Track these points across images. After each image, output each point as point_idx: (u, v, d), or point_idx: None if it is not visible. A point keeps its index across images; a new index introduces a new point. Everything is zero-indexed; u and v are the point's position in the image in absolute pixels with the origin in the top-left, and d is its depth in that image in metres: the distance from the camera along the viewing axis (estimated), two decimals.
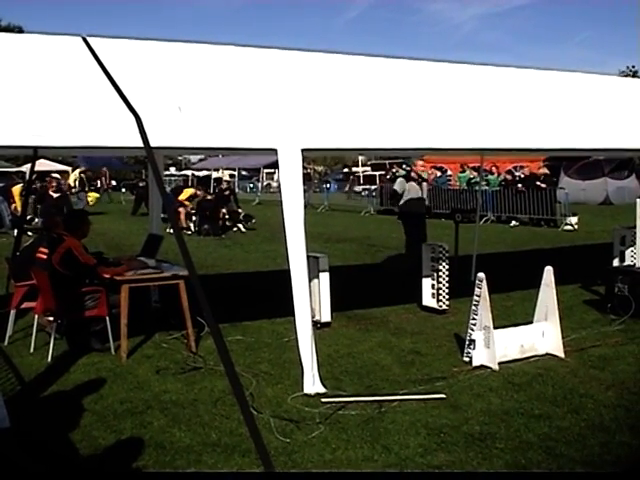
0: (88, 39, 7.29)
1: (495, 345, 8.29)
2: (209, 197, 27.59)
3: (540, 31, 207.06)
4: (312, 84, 8.68)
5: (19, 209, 26.60)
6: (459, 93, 9.70)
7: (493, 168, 31.89)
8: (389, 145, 8.78)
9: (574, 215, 26.22)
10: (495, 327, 8.40)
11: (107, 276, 9.32)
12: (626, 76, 52.02)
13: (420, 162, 18.40)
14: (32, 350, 9.35)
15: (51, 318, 9.42)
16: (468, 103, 9.53)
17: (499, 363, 8.31)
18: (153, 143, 5.96)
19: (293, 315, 7.63)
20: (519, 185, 28.56)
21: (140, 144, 5.88)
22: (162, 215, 13.99)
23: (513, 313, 10.95)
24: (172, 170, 79.91)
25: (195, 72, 8.16)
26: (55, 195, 15.13)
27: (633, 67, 67.11)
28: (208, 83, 8.08)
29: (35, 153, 9.80)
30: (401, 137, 8.61)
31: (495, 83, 10.33)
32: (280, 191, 7.76)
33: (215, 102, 7.83)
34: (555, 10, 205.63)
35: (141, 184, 36.33)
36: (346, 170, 75.17)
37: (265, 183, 64.76)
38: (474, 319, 8.49)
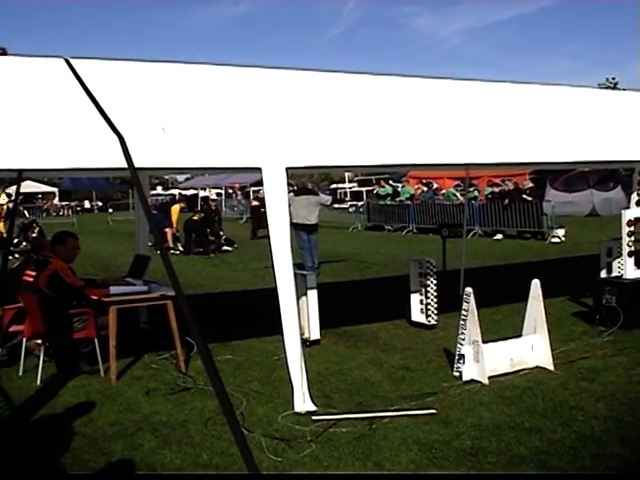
0: (70, 60, 7.28)
1: (485, 359, 8.30)
2: (196, 217, 27.49)
3: (524, 45, 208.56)
4: (296, 102, 8.69)
5: (4, 231, 26.57)
6: (443, 108, 9.73)
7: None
8: (374, 162, 8.79)
9: (561, 227, 26.29)
10: (484, 341, 8.41)
11: (95, 297, 9.29)
12: (606, 88, 52.20)
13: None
14: (21, 373, 9.31)
15: (39, 341, 9.37)
16: (453, 118, 9.56)
17: (489, 377, 8.31)
18: (137, 164, 5.95)
19: (282, 333, 7.62)
20: (506, 201, 28.56)
21: (124, 165, 5.87)
22: None
23: (502, 327, 10.94)
24: (159, 189, 80.00)
25: (178, 92, 8.16)
26: None
27: (613, 79, 67.46)
28: (192, 103, 8.08)
29: (20, 175, 9.76)
30: (386, 153, 8.62)
31: (479, 98, 10.36)
32: (265, 209, 7.78)
33: (199, 122, 7.83)
34: (539, 23, 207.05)
35: None
36: (333, 186, 75.25)
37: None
38: (463, 334, 8.50)
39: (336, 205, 58.03)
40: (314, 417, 7.33)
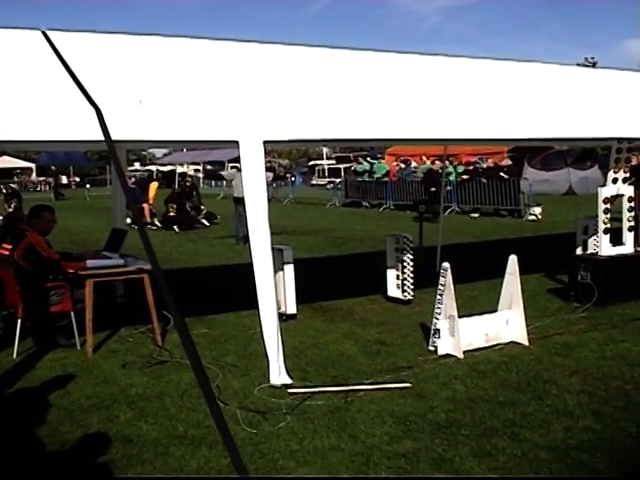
0: (47, 32, 7.22)
1: (460, 334, 8.36)
2: (171, 213, 27.07)
3: (505, 24, 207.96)
4: (274, 76, 8.66)
5: None
6: (423, 84, 9.73)
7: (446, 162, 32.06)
8: (352, 136, 8.80)
9: (538, 205, 26.38)
10: (460, 316, 8.46)
11: (71, 271, 9.27)
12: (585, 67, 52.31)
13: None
14: None
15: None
16: (432, 94, 9.56)
17: (464, 351, 8.38)
18: (114, 136, 5.92)
19: (259, 307, 7.64)
20: (483, 180, 28.63)
21: (101, 137, 5.85)
22: None
23: (478, 302, 10.99)
24: (136, 165, 79.57)
25: (156, 65, 8.12)
26: None
27: (592, 58, 67.45)
28: (169, 76, 8.04)
29: None
30: (364, 128, 8.63)
31: (458, 74, 10.37)
32: (242, 184, 7.77)
33: (176, 94, 7.80)
34: (519, 3, 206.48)
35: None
36: (311, 163, 75.12)
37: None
38: (439, 308, 8.55)
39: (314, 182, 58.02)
40: (290, 390, 7.37)
